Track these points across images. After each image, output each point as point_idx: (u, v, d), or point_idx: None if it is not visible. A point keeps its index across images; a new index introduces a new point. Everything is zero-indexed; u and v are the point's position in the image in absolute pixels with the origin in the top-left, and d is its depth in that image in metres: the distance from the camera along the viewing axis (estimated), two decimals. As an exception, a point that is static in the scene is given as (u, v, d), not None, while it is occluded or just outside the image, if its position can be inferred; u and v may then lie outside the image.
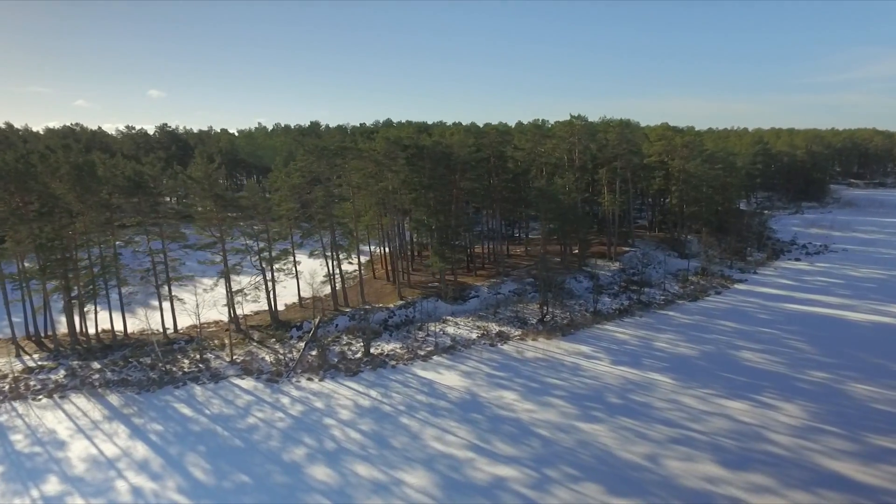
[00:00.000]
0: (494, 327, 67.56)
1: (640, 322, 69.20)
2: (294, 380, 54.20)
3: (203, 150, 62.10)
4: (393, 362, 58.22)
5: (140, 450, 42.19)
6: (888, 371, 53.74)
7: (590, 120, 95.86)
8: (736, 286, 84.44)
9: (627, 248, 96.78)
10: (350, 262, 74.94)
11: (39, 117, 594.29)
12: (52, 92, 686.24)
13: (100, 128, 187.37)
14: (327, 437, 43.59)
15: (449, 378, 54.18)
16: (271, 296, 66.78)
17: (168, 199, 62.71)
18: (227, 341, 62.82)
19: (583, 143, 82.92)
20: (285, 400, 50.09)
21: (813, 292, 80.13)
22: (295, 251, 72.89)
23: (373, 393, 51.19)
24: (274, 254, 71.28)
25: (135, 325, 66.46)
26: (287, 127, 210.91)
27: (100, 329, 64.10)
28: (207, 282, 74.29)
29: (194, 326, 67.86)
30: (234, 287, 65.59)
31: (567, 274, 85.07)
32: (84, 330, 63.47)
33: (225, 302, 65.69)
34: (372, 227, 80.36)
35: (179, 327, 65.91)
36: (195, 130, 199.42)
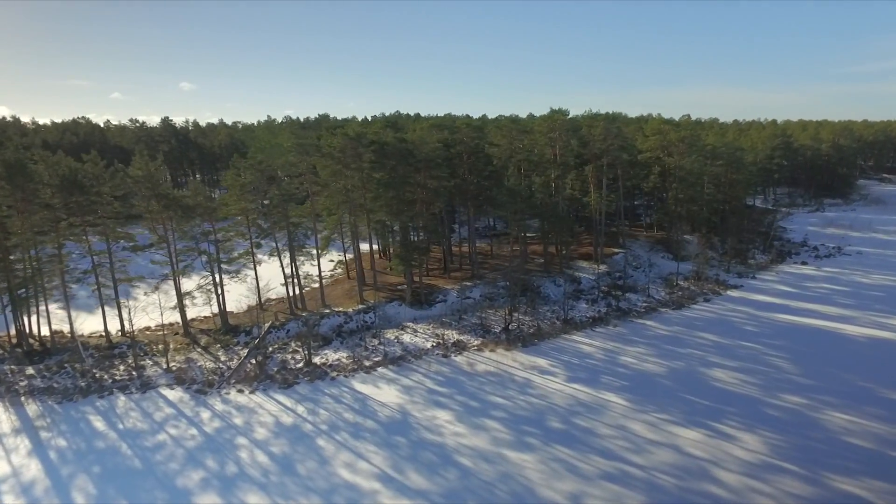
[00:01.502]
0: (454, 336, 63.60)
1: (611, 333, 64.32)
2: (224, 391, 51.34)
3: (142, 150, 59.57)
4: (334, 373, 54.89)
5: (32, 469, 39.82)
6: (873, 397, 47.98)
7: (597, 112, 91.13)
8: (729, 292, 78.49)
9: (617, 250, 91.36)
10: (312, 264, 71.73)
11: (79, 109, 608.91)
12: (91, 84, 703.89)
13: (108, 122, 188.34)
14: (232, 460, 40.50)
15: (386, 393, 50.57)
16: (222, 299, 64.07)
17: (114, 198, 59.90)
18: (171, 346, 60.64)
19: (563, 138, 77.74)
20: (205, 414, 47.23)
21: (812, 301, 73.74)
22: (254, 252, 70.03)
23: (300, 409, 47.93)
24: (234, 254, 68.90)
25: (91, 326, 64.73)
26: (296, 120, 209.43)
27: (54, 331, 62.62)
28: (164, 284, 72.11)
29: (145, 329, 65.92)
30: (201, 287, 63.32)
31: (547, 277, 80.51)
32: (30, 332, 61.95)
33: (175, 304, 63.25)
34: (344, 227, 76.96)
35: (134, 329, 63.82)
36: (202, 124, 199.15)
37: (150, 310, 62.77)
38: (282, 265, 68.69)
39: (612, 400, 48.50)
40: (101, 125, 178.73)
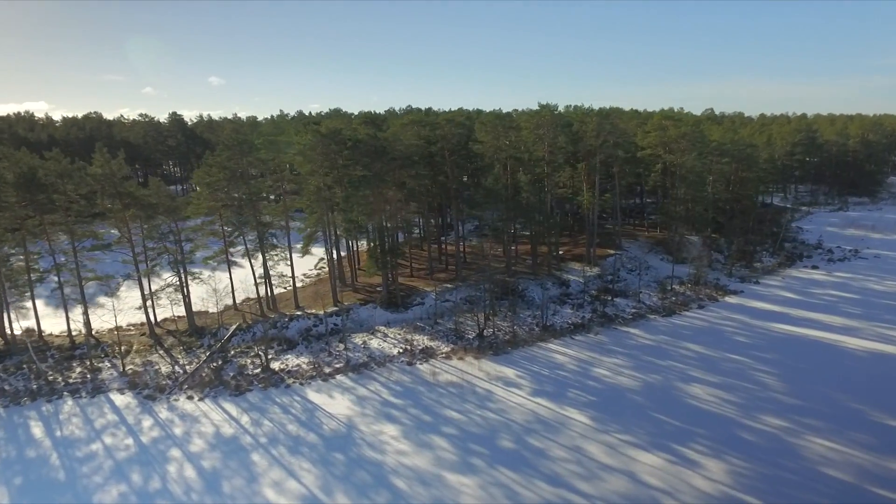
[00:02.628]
0: (424, 342, 60.91)
1: (590, 341, 60.80)
2: (173, 397, 49.68)
3: (101, 146, 58.20)
4: (291, 380, 52.79)
5: (-46, 478, 38.62)
6: (863, 422, 43.70)
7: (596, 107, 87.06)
8: (726, 299, 73.96)
9: (613, 251, 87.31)
10: (287, 264, 69.68)
11: (113, 104, 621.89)
12: (124, 80, 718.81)
13: (122, 116, 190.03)
14: (158, 475, 38.66)
15: (338, 404, 48.21)
16: (187, 300, 62.55)
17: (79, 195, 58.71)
18: (134, 347, 59.47)
19: (551, 135, 73.99)
20: (147, 423, 45.58)
21: (815, 310, 68.82)
22: (228, 252, 68.34)
23: (244, 419, 45.92)
24: (208, 253, 67.47)
25: (63, 326, 63.92)
26: (309, 115, 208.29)
27: (26, 330, 62.00)
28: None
29: (114, 329, 64.93)
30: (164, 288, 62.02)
31: (534, 280, 77.14)
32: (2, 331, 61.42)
33: (143, 304, 61.94)
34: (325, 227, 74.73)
35: (99, 329, 62.98)
36: (206, 119, 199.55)
37: (114, 309, 61.42)
38: (251, 266, 66.91)
39: (575, 417, 45.24)
40: (111, 119, 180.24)
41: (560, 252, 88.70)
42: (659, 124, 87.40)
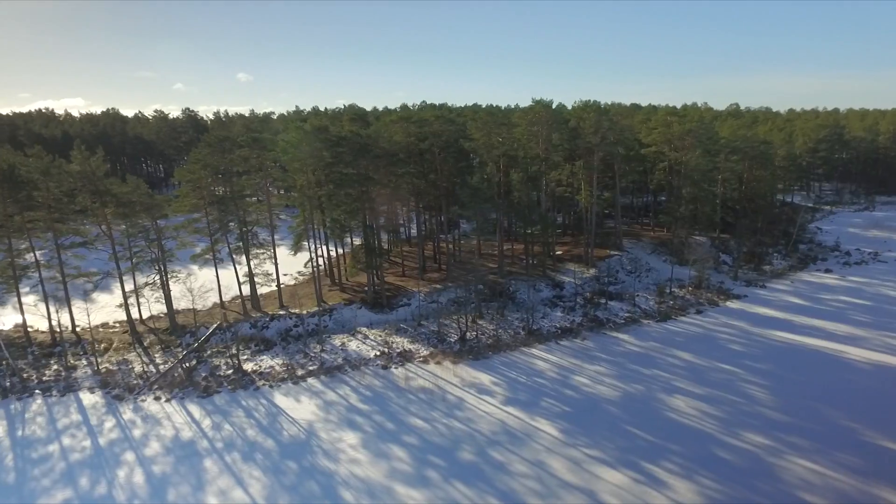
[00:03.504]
0: (404, 344, 59.40)
1: (576, 347, 58.50)
2: (141, 398, 49.21)
3: (79, 143, 58.05)
4: (262, 382, 51.88)
5: None
6: (852, 442, 40.66)
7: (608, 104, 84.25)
8: (728, 304, 70.63)
9: (613, 252, 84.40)
10: (272, 263, 68.85)
11: (146, 100, 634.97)
12: (156, 76, 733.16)
13: (140, 112, 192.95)
14: (107, 480, 38.03)
15: (303, 408, 47.07)
16: (168, 298, 62.22)
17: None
18: (114, 345, 59.42)
19: (545, 132, 71.43)
20: (109, 424, 45.14)
21: (821, 317, 65.11)
22: (214, 249, 67.80)
23: (206, 422, 45.12)
24: (195, 251, 67.22)
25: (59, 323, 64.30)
26: (322, 111, 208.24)
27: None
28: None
29: (98, 326, 65.15)
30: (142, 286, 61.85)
31: (527, 281, 74.93)
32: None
33: (124, 302, 61.78)
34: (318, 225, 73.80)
35: (81, 326, 63.17)
36: (210, 115, 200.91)
37: (87, 308, 61.39)
38: (234, 265, 66.28)
39: (544, 429, 43.22)
40: (126, 116, 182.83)
41: (559, 252, 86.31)
42: (663, 120, 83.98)
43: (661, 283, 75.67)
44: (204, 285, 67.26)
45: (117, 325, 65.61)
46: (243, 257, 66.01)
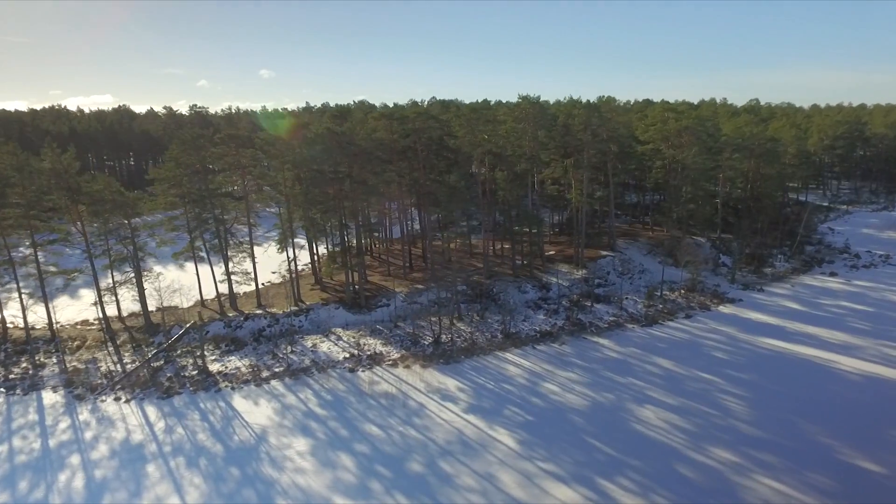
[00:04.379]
0: (377, 347, 58.08)
1: (552, 352, 56.47)
2: (102, 398, 48.74)
3: (51, 141, 57.84)
4: (225, 384, 51.04)
5: None
6: (827, 460, 38.07)
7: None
8: (721, 308, 67.76)
9: (606, 253, 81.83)
10: (256, 260, 68.06)
11: (173, 96, 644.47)
12: (183, 73, 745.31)
13: (151, 109, 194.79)
14: (46, 484, 37.45)
15: (260, 412, 46.04)
16: (142, 296, 61.85)
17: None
18: (87, 343, 59.23)
19: (532, 129, 69.28)
20: (63, 424, 44.69)
21: (817, 323, 61.98)
22: (195, 247, 67.31)
23: (159, 425, 44.38)
24: (176, 249, 66.78)
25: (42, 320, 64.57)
26: (334, 107, 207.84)
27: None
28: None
29: (78, 323, 65.22)
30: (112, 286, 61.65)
31: (514, 282, 73.03)
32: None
33: (99, 299, 61.63)
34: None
35: (62, 323, 63.36)
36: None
37: (48, 306, 61.10)
38: (210, 263, 65.71)
39: (502, 439, 41.47)
40: (137, 111, 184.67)
41: (552, 252, 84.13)
42: (660, 117, 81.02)
43: (653, 286, 73.03)
44: (172, 285, 66.94)
45: (96, 322, 65.52)
46: (224, 255, 65.58)
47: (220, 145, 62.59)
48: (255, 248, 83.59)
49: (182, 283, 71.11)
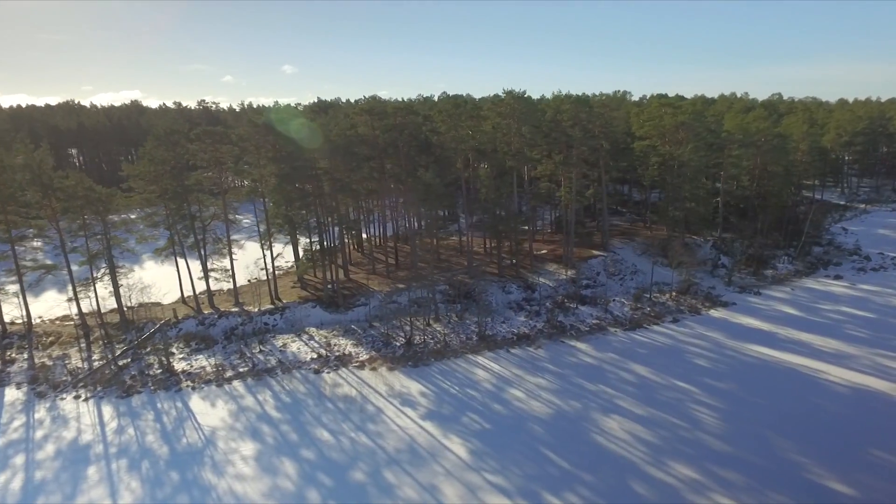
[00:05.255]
0: (348, 347, 56.87)
1: (526, 356, 54.52)
2: (62, 396, 48.46)
3: (24, 137, 57.80)
4: (187, 383, 50.35)
5: None
6: (793, 480, 35.55)
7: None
8: (711, 312, 64.88)
9: (598, 252, 79.30)
10: (220, 259, 67.41)
11: (198, 91, 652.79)
12: (208, 68, 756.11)
13: (164, 104, 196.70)
14: (-15, 483, 37.07)
15: (215, 414, 45.17)
16: (116, 293, 61.61)
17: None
18: (61, 339, 59.22)
19: (516, 124, 67.04)
20: (18, 422, 44.44)
21: (812, 329, 58.78)
22: (175, 243, 66.92)
23: (111, 425, 43.81)
24: (157, 245, 66.54)
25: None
26: (347, 102, 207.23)
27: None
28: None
29: (57, 319, 65.47)
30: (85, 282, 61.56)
31: (499, 282, 71.14)
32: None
33: (74, 295, 61.58)
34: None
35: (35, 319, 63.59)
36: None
37: (22, 302, 61.30)
38: (186, 261, 65.22)
39: (454, 448, 39.83)
40: (149, 106, 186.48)
41: (543, 252, 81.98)
42: (655, 112, 78.00)
43: (641, 288, 70.39)
44: (154, 281, 66.54)
45: (76, 318, 65.63)
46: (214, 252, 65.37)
47: (197, 141, 61.83)
48: (246, 244, 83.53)
49: (162, 281, 70.99)
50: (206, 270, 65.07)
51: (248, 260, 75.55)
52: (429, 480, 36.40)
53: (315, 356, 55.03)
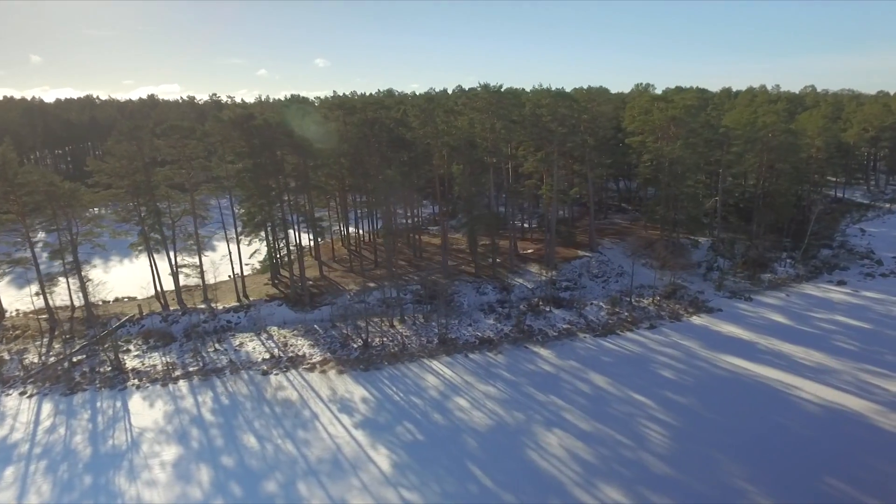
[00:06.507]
0: (304, 348, 55.60)
1: (483, 362, 52.23)
2: (8, 392, 48.51)
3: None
4: (133, 382, 49.83)
5: None
6: (731, 510, 32.59)
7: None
8: (693, 318, 61.30)
9: (584, 253, 76.13)
10: (193, 255, 66.87)
11: (234, 85, 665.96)
12: (245, 63, 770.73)
13: (181, 98, 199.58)
14: None
15: (149, 415, 44.41)
16: (83, 288, 61.78)
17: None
18: (27, 333, 59.66)
19: (491, 120, 64.41)
20: (-43, 418, 44.58)
21: (796, 340, 54.80)
22: (148, 238, 66.82)
23: (46, 423, 43.49)
24: (132, 240, 66.68)
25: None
26: (362, 95, 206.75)
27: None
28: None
29: (30, 314, 66.10)
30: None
31: (474, 282, 68.87)
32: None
33: (42, 290, 62.00)
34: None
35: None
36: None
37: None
38: (152, 257, 64.94)
39: (378, 460, 38.04)
40: (165, 100, 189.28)
41: (529, 251, 79.19)
42: (648, 107, 74.18)
43: (624, 290, 67.15)
44: (103, 279, 66.39)
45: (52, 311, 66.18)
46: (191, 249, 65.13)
47: (163, 137, 61.30)
48: (216, 242, 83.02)
49: (139, 276, 71.10)
50: (174, 267, 64.70)
51: (223, 257, 75.10)
52: (341, 495, 34.72)
53: (268, 356, 53.92)
